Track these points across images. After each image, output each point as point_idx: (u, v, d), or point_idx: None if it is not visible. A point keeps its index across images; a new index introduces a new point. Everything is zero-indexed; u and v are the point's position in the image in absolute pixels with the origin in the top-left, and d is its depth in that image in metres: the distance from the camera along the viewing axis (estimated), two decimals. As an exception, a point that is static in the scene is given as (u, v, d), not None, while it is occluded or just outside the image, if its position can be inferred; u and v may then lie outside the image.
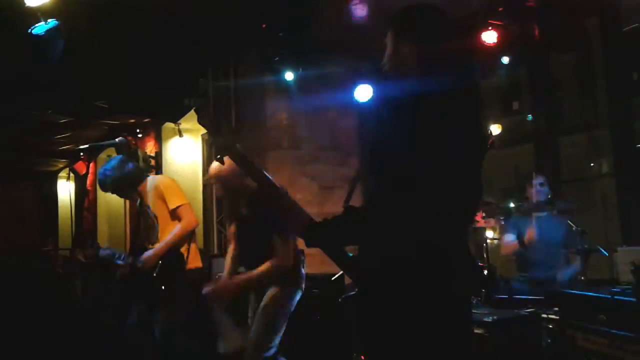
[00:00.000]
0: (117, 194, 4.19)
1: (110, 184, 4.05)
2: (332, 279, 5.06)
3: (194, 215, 3.95)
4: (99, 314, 6.04)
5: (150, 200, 4.00)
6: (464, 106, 1.81)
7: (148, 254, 3.87)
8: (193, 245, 4.00)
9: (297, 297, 3.42)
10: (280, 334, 3.34)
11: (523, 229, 4.50)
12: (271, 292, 3.34)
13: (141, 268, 3.85)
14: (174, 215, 3.92)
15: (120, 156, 4.13)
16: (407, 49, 1.86)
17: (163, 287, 3.81)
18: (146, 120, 8.36)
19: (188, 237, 3.92)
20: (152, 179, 4.13)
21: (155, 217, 3.98)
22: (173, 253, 3.86)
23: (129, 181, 4.06)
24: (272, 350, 3.29)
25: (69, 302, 7.09)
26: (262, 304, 3.33)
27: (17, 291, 6.91)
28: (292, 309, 3.41)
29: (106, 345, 5.35)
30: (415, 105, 1.77)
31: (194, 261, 3.96)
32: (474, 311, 3.36)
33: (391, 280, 1.75)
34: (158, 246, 3.86)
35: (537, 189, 4.49)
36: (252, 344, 3.29)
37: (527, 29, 4.79)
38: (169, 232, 3.88)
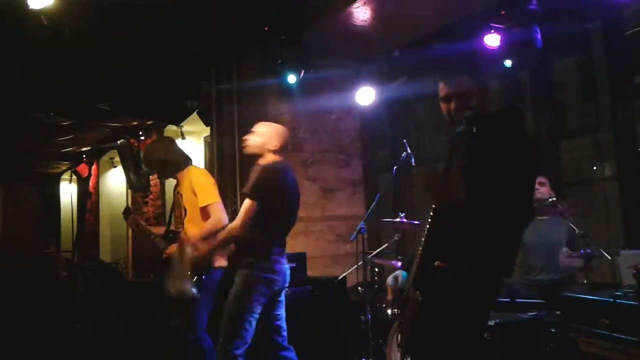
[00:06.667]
0: (160, 173, 4.25)
1: (158, 161, 4.10)
2: (334, 282, 5.05)
3: (223, 214, 3.92)
4: (100, 315, 6.04)
5: (185, 190, 4.01)
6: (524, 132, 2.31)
7: (174, 246, 3.91)
8: None
9: (265, 290, 3.43)
10: (245, 328, 3.35)
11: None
12: (239, 280, 3.45)
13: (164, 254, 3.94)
14: (204, 212, 3.89)
15: (168, 137, 4.13)
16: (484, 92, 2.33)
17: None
18: (148, 122, 8.36)
19: (214, 235, 3.89)
20: (189, 170, 4.10)
21: (185, 209, 3.98)
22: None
23: (175, 162, 4.09)
24: (239, 351, 3.31)
25: (70, 303, 7.10)
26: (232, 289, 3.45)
27: (20, 292, 6.91)
28: (258, 303, 3.42)
29: (107, 346, 5.36)
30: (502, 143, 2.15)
31: (219, 260, 3.94)
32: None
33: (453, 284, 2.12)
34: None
35: (536, 189, 4.46)
36: (221, 330, 3.40)
37: (529, 32, 4.78)
38: (196, 228, 3.88)
